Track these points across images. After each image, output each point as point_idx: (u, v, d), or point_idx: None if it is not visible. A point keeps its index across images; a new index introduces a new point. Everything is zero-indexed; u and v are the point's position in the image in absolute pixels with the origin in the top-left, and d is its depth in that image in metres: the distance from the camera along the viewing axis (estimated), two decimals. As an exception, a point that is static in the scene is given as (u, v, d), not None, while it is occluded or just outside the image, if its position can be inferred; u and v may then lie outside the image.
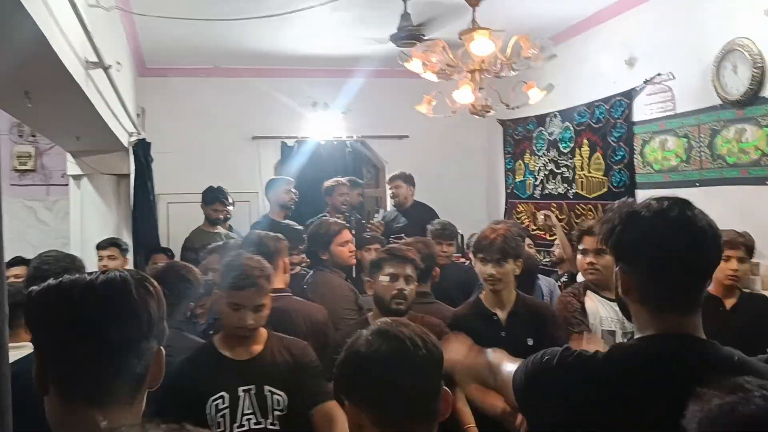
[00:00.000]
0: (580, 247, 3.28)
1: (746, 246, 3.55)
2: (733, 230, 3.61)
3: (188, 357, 2.62)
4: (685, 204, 1.50)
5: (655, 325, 1.50)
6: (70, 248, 5.51)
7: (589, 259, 3.17)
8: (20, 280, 3.91)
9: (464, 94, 4.21)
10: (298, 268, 3.99)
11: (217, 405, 2.45)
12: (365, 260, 4.16)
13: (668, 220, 1.46)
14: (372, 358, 1.38)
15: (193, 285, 3.10)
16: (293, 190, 5.69)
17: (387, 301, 2.80)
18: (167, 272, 3.09)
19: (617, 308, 3.04)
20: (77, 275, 1.21)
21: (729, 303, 3.53)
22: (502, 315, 3.12)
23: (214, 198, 5.76)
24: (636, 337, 1.56)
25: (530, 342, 3.10)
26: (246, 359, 2.54)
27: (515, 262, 3.12)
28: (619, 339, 2.98)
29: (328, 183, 5.90)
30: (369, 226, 5.13)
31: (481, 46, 3.81)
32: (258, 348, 2.58)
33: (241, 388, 2.48)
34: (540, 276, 4.58)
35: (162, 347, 1.25)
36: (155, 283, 1.26)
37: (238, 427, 2.46)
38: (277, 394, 2.52)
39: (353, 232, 4.53)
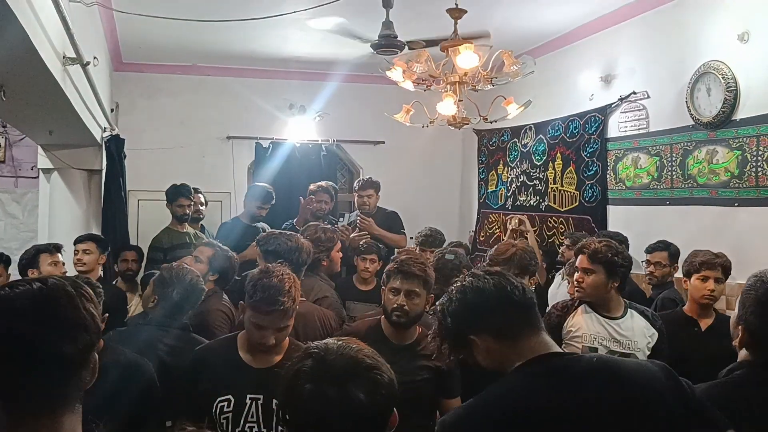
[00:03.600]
0: (575, 262, 3.23)
1: (723, 266, 3.60)
2: (709, 251, 3.67)
3: (209, 347, 2.68)
4: None
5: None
6: (37, 242, 5.42)
7: (577, 276, 3.15)
8: None
9: (447, 106, 4.23)
10: None
11: (222, 407, 2.43)
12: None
13: None
14: (316, 405, 1.32)
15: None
16: (266, 207, 5.63)
17: (388, 313, 2.83)
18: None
19: (609, 327, 3.04)
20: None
21: (704, 324, 3.56)
22: None
23: (176, 194, 5.56)
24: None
25: None
26: (262, 368, 2.50)
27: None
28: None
29: (311, 187, 5.84)
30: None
31: (467, 59, 3.84)
32: (277, 358, 2.53)
33: (249, 395, 2.45)
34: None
35: (96, 353, 1.22)
36: (89, 290, 1.23)
37: None
38: None
39: None
